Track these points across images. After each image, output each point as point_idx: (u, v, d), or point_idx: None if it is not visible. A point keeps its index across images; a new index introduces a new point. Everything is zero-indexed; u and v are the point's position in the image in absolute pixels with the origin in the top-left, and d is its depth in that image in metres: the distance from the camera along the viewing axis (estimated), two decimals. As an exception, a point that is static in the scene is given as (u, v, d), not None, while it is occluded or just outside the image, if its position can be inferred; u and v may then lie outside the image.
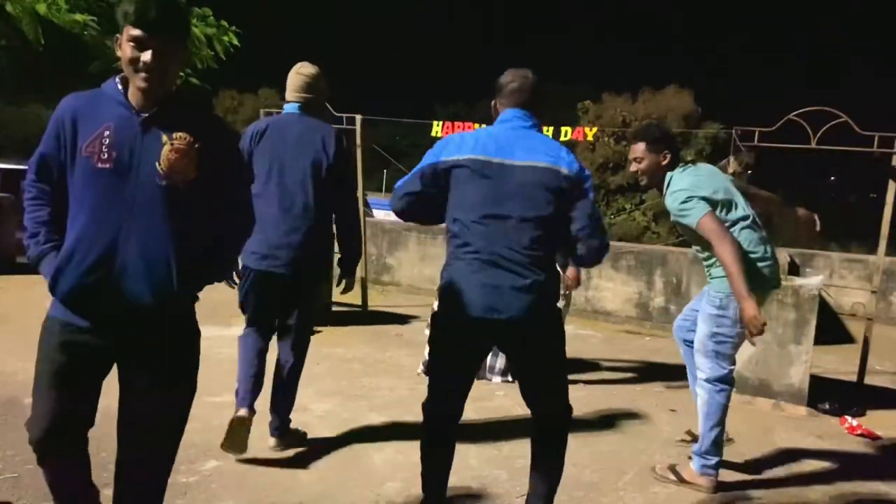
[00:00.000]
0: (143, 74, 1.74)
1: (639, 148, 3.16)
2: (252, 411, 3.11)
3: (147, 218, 1.78)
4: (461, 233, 2.28)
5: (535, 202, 2.23)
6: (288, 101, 3.25)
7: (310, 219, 3.06)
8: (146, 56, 1.72)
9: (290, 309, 3.23)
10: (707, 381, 3.06)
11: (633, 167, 3.22)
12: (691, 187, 3.00)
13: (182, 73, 11.30)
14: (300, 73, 3.26)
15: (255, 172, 3.05)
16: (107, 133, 1.76)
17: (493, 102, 2.47)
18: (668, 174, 3.14)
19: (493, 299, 2.20)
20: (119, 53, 1.77)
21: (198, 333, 1.95)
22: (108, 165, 1.75)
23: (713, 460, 3.06)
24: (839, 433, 4.00)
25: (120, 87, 1.83)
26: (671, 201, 3.05)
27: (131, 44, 1.74)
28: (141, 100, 1.79)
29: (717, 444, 3.05)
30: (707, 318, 3.07)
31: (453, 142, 2.36)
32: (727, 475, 3.31)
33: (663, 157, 3.14)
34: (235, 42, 11.70)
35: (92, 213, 1.77)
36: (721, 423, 3.04)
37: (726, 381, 3.06)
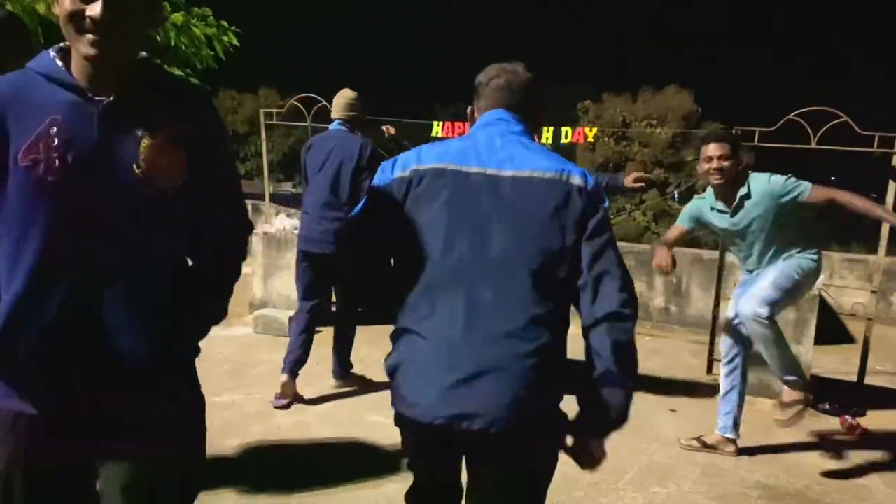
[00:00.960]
0: (89, 36, 1.18)
1: (725, 147, 3.36)
2: (293, 376, 3.94)
3: (127, 244, 1.26)
4: (416, 284, 1.54)
5: (532, 230, 1.51)
6: (333, 119, 4.10)
7: (343, 211, 3.82)
8: (94, 8, 1.17)
9: (334, 285, 4.34)
10: (756, 318, 3.25)
11: (715, 164, 3.35)
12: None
13: (182, 73, 11.27)
14: (343, 96, 4.10)
15: (308, 178, 4.02)
16: (53, 130, 1.19)
17: (468, 109, 1.77)
18: (750, 175, 3.41)
19: (461, 398, 1.44)
20: (56, 10, 1.20)
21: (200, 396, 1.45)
22: (60, 177, 1.20)
23: (793, 377, 3.39)
24: (839, 433, 4.00)
25: (60, 62, 1.26)
26: (773, 185, 3.31)
27: None
28: (93, 77, 1.23)
29: (793, 363, 3.40)
30: (784, 276, 3.32)
31: (405, 157, 1.65)
32: (727, 475, 3.31)
33: (739, 162, 3.39)
34: (235, 42, 11.69)
35: (43, 251, 1.21)
36: (782, 344, 3.33)
37: (769, 319, 3.27)
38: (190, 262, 1.41)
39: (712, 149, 3.37)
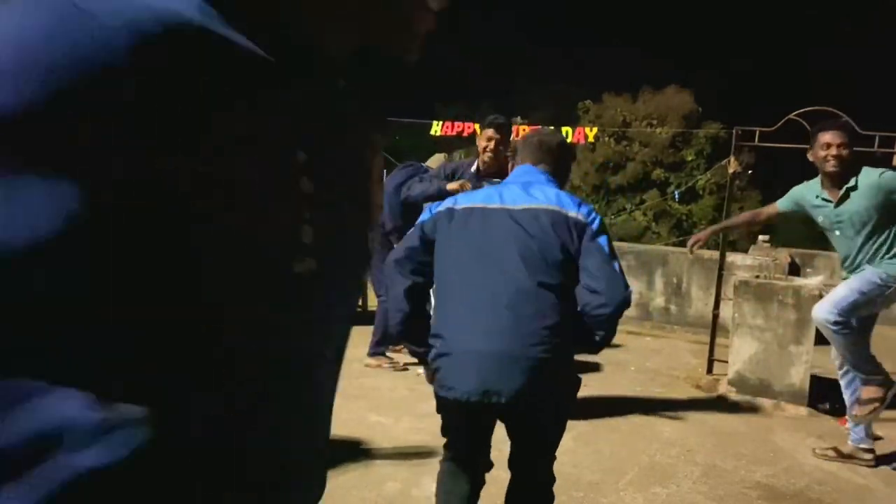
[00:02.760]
0: None
1: (843, 136, 3.35)
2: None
3: None
4: (450, 294, 2.04)
5: (537, 247, 1.99)
6: None
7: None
8: None
9: None
10: (826, 324, 3.35)
11: (833, 151, 3.33)
12: None
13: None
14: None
15: None
16: None
17: (510, 164, 2.33)
18: (863, 168, 3.37)
19: (489, 382, 1.91)
20: None
21: None
22: None
23: (873, 377, 3.44)
24: (839, 433, 4.00)
25: None
26: (885, 180, 3.29)
27: None
28: None
29: (871, 362, 3.46)
30: (863, 281, 3.33)
31: (445, 201, 2.17)
32: (727, 475, 3.30)
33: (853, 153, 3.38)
34: (235, 42, 11.75)
35: None
36: (858, 347, 3.43)
37: (838, 324, 3.36)
38: None
39: (830, 136, 3.34)
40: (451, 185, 3.66)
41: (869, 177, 3.31)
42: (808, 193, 3.57)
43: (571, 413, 2.17)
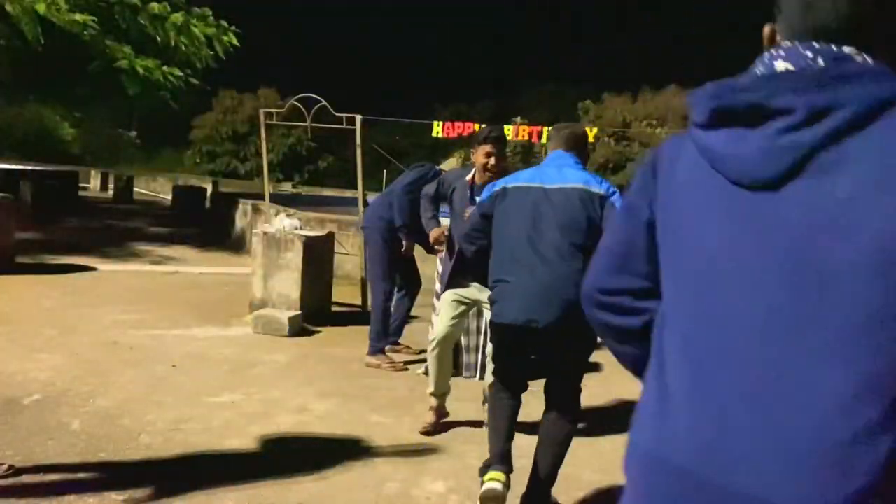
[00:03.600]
0: None
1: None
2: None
3: None
4: (504, 253, 2.77)
5: (568, 218, 2.68)
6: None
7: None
8: None
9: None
10: None
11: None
12: None
13: (182, 73, 11.24)
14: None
15: None
16: None
17: (543, 148, 3.03)
18: None
19: (530, 311, 2.63)
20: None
21: None
22: None
23: None
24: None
25: None
26: None
27: None
28: None
29: None
30: None
31: (499, 182, 2.90)
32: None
33: None
34: (235, 42, 11.73)
35: None
36: None
37: None
38: None
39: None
40: (432, 236, 4.05)
41: None
42: None
43: (592, 348, 2.83)
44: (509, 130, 7.56)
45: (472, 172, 3.70)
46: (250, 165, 37.47)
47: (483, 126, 5.03)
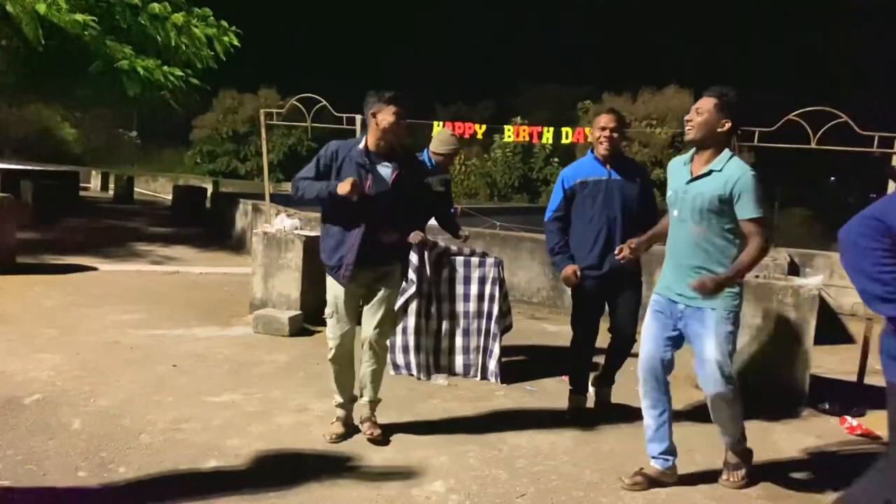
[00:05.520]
0: None
1: (708, 102, 2.98)
2: None
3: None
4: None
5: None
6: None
7: None
8: None
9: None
10: (729, 382, 3.20)
11: (690, 116, 3.02)
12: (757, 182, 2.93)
13: (182, 73, 11.22)
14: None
15: None
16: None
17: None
18: (727, 152, 3.01)
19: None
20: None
21: None
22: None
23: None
24: (839, 433, 4.00)
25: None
26: (746, 181, 2.90)
27: None
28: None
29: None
30: (724, 337, 3.09)
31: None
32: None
33: (723, 125, 2.97)
34: (235, 42, 11.73)
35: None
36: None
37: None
38: None
39: (698, 103, 3.04)
40: (340, 188, 3.51)
41: (734, 167, 2.97)
42: (677, 160, 3.28)
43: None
44: (509, 130, 7.54)
45: (366, 139, 3.74)
46: (250, 165, 37.50)
47: (482, 126, 5.07)
